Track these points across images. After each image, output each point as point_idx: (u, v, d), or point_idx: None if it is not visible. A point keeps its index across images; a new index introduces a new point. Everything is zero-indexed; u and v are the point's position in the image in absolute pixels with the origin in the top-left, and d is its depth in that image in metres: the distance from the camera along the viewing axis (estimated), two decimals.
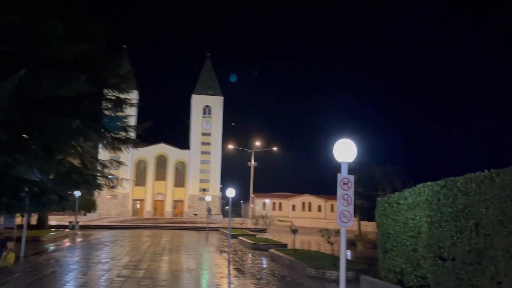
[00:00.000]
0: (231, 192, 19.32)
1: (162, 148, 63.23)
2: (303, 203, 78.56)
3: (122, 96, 32.61)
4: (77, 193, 26.61)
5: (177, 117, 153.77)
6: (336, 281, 12.24)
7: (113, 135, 33.01)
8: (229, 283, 11.86)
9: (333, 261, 13.75)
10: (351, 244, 27.29)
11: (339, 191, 6.37)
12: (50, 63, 18.61)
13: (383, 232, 8.41)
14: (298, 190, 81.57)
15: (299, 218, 64.79)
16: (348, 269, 12.79)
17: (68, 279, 11.88)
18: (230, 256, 18.49)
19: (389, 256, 8.13)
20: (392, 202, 8.06)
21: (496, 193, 5.26)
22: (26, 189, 14.20)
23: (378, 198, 8.92)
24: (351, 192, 6.37)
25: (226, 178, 65.08)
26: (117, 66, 32.51)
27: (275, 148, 58.90)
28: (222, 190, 65.83)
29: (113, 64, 30.64)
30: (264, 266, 15.69)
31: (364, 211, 34.25)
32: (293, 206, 78.36)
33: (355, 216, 36.24)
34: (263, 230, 38.19)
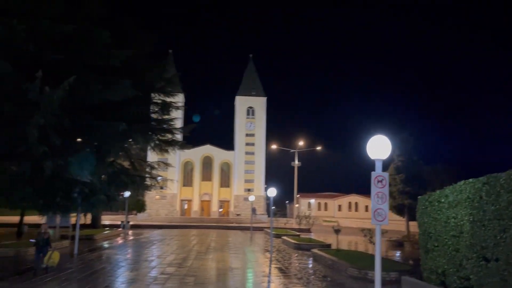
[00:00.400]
0: (272, 192, 19.40)
1: (207, 150, 64.43)
2: (350, 203, 77.17)
3: (168, 99, 33.61)
4: (127, 194, 27.68)
5: (221, 118, 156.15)
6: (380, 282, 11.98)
7: (160, 138, 34.11)
8: (269, 281, 11.90)
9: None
10: (398, 244, 26.53)
11: (373, 189, 6.24)
12: (98, 70, 19.54)
13: (424, 231, 8.12)
14: (345, 190, 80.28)
15: (345, 218, 63.72)
16: (392, 270, 12.52)
17: (115, 275, 12.42)
18: (273, 255, 18.54)
19: (430, 257, 7.84)
20: (433, 200, 7.77)
21: None
22: (77, 190, 14.96)
23: (419, 197, 8.62)
24: (385, 190, 6.22)
25: (270, 178, 65.18)
26: (162, 70, 33.55)
27: (319, 148, 58.27)
28: (267, 190, 66.17)
29: (158, 69, 31.68)
30: (306, 266, 15.60)
31: (412, 211, 33.15)
32: (339, 206, 77.15)
33: (403, 216, 35.17)
34: (308, 230, 37.97)
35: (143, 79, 26.99)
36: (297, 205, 78.92)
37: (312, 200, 78.05)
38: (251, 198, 31.96)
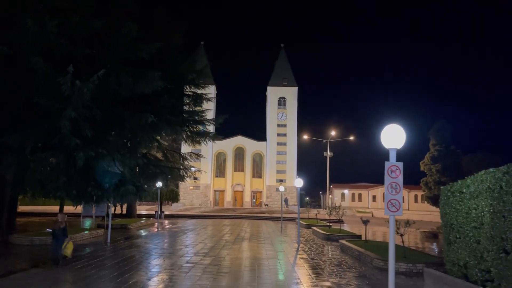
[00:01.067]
0: (298, 183, 19.33)
1: (239, 141, 64.85)
2: (384, 194, 75.84)
3: (199, 91, 33.98)
4: (159, 184, 28.35)
5: (253, 109, 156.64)
6: (405, 274, 11.79)
7: (192, 129, 34.62)
8: (293, 272, 11.92)
9: (404, 253, 13.19)
10: (433, 236, 25.85)
11: (387, 179, 6.11)
12: (129, 63, 19.98)
13: (446, 222, 7.88)
14: (379, 180, 78.76)
15: (380, 209, 62.66)
16: (420, 261, 12.28)
17: (142, 263, 12.79)
18: (301, 246, 18.54)
19: (452, 249, 7.60)
20: (455, 191, 7.51)
21: None
22: (107, 180, 15.47)
23: (442, 187, 8.35)
24: (399, 180, 6.07)
25: (303, 169, 64.98)
26: (193, 62, 33.90)
27: (352, 137, 57.39)
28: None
29: (189, 61, 32.04)
30: (332, 256, 15.51)
31: None
32: (374, 197, 75.93)
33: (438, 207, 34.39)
34: (341, 221, 37.63)
35: (173, 71, 27.42)
36: (330, 196, 78.36)
37: (346, 191, 77.20)
38: (281, 188, 31.94)
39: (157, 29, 25.42)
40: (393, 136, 6.13)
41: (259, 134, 67.15)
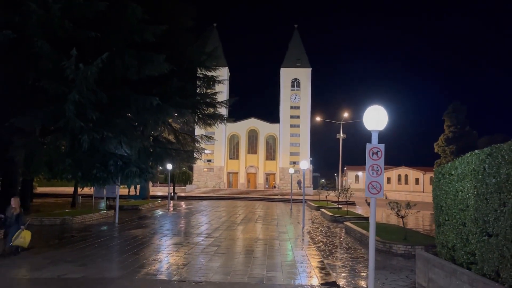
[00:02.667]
0: (304, 165, 19.30)
1: (253, 123, 64.83)
2: (399, 176, 75.08)
3: (210, 73, 33.88)
4: (169, 166, 28.68)
5: (266, 91, 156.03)
6: (403, 256, 11.76)
7: (203, 111, 34.64)
8: (292, 253, 12.01)
9: (405, 235, 13.14)
10: None
11: (368, 161, 6.05)
12: (135, 45, 19.97)
13: (437, 205, 7.78)
14: (394, 162, 78.05)
15: (393, 191, 62.24)
16: (419, 243, 12.19)
17: (145, 243, 13.05)
18: (307, 227, 18.63)
19: (441, 231, 7.53)
20: (445, 173, 7.39)
21: None
22: (112, 162, 15.71)
23: (434, 169, 8.22)
24: (381, 162, 6.01)
25: (317, 151, 64.75)
26: (203, 44, 33.67)
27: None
28: (312, 162, 65.78)
29: (199, 43, 31.85)
30: (334, 238, 15.55)
31: None
32: (388, 179, 75.33)
33: None
34: (352, 203, 37.52)
35: (182, 54, 27.33)
36: (345, 178, 78.10)
37: (360, 173, 76.77)
38: (291, 170, 31.96)
39: (165, 11, 25.25)
40: (375, 117, 6.05)
41: (272, 116, 67.15)
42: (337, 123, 54.07)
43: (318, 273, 9.40)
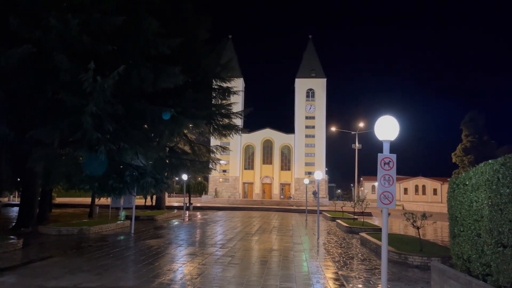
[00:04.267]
0: (318, 175, 19.23)
1: (268, 133, 64.95)
2: (416, 186, 73.98)
3: (225, 85, 34.16)
4: (184, 177, 28.90)
5: (281, 101, 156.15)
6: (419, 267, 11.58)
7: (218, 122, 34.90)
8: (306, 264, 11.95)
9: (420, 246, 12.95)
10: None
11: (380, 171, 6.04)
12: (151, 58, 20.36)
13: (452, 215, 7.69)
14: (411, 172, 77.02)
15: (411, 202, 61.31)
16: (436, 255, 11.99)
17: (160, 253, 13.15)
18: (322, 238, 18.50)
19: (457, 242, 7.42)
20: (460, 183, 7.31)
21: None
22: (128, 173, 15.94)
23: (448, 179, 8.14)
24: (393, 172, 5.99)
25: (332, 162, 64.45)
26: (218, 56, 34.01)
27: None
28: (328, 173, 65.38)
29: (214, 54, 32.18)
30: (349, 249, 15.40)
31: None
32: (405, 190, 74.28)
33: None
34: (369, 214, 37.13)
35: (198, 66, 27.68)
36: (361, 189, 77.31)
37: (376, 183, 75.91)
38: (306, 181, 31.83)
39: (180, 23, 25.69)
40: (386, 127, 6.05)
41: (287, 126, 67.06)
42: (352, 133, 53.75)
43: (333, 284, 9.33)
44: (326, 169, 64.88)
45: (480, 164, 6.53)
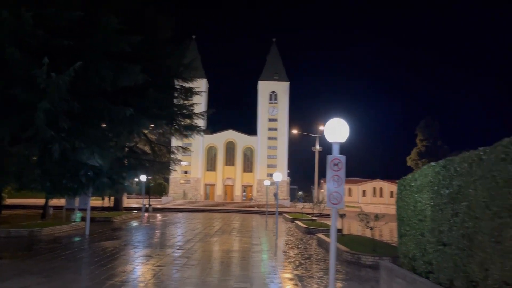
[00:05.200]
0: (278, 177, 19.44)
1: (230, 135, 64.87)
2: (374, 189, 76.14)
3: (188, 85, 33.78)
4: (142, 178, 28.38)
5: (245, 103, 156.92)
6: (372, 266, 11.94)
7: (180, 123, 34.43)
8: (263, 265, 12.05)
9: (374, 246, 13.36)
10: None
11: (329, 172, 6.20)
12: (111, 55, 19.85)
13: (399, 216, 8.01)
14: (370, 175, 79.21)
15: (369, 204, 63.01)
16: (387, 254, 12.40)
17: (114, 255, 12.87)
18: (280, 239, 18.70)
19: (403, 241, 7.74)
20: (406, 185, 7.63)
21: (483, 173, 4.80)
22: (83, 173, 15.49)
23: (397, 180, 8.48)
24: (342, 173, 6.17)
25: (294, 163, 65.23)
26: (182, 56, 33.59)
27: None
28: (290, 175, 66.08)
29: (177, 54, 31.75)
30: (306, 249, 15.66)
31: None
32: (364, 192, 76.30)
33: None
34: (327, 215, 37.82)
35: (160, 65, 27.25)
36: (321, 191, 78.60)
37: None
38: (266, 182, 32.06)
39: (142, 22, 25.23)
40: (336, 129, 6.23)
41: (250, 128, 67.22)
42: (313, 135, 54.69)
43: (287, 284, 9.47)
44: (288, 171, 65.62)
45: (424, 167, 6.85)
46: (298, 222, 26.24)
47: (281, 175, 19.86)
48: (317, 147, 52.58)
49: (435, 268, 6.23)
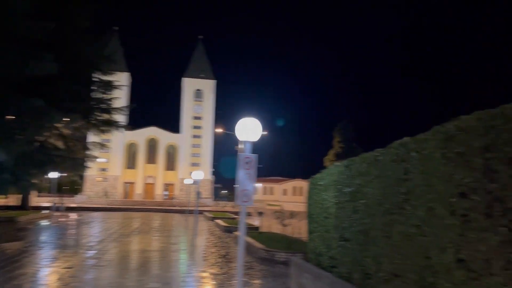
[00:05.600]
0: (199, 175, 19.32)
1: (153, 131, 63.17)
2: (295, 188, 78.66)
3: (108, 78, 32.19)
4: (53, 174, 26.57)
5: (169, 100, 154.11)
6: (285, 263, 12.26)
7: (97, 117, 32.68)
8: (178, 264, 11.87)
9: (288, 243, 13.78)
10: None
11: (241, 171, 6.27)
12: (23, 42, 18.35)
13: (309, 213, 8.37)
14: (290, 175, 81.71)
15: (289, 202, 64.95)
16: (300, 251, 12.82)
17: (14, 257, 11.89)
18: (198, 238, 18.56)
19: (312, 238, 8.10)
20: (315, 183, 7.99)
21: (379, 173, 5.18)
22: None
23: (309, 178, 8.82)
24: (253, 172, 6.28)
25: (219, 162, 65.12)
26: (102, 47, 31.95)
27: (265, 132, 58.64)
28: (214, 174, 65.98)
29: (97, 46, 30.15)
30: (222, 248, 15.72)
31: None
32: (284, 191, 78.55)
33: None
34: (248, 214, 38.35)
35: (77, 55, 25.71)
36: None
37: (258, 184, 78.89)
38: (187, 181, 31.71)
39: (58, 8, 23.67)
40: (248, 128, 6.32)
41: (174, 126, 65.92)
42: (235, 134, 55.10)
43: (200, 283, 9.42)
44: (213, 169, 65.43)
45: (330, 166, 7.20)
46: (218, 220, 26.27)
47: (202, 174, 19.76)
48: (240, 146, 53.06)
49: (338, 262, 6.58)
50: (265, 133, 58.65)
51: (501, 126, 3.17)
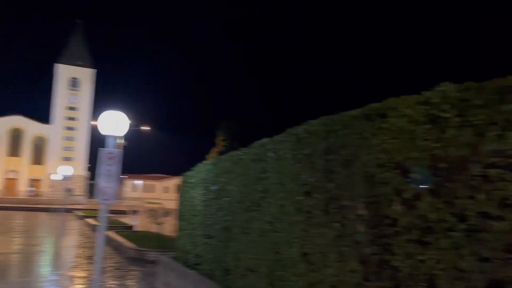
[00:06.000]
0: (67, 170, 17.87)
1: (18, 121, 56.67)
2: (176, 185, 77.80)
3: None
4: None
5: (40, 87, 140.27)
6: (154, 262, 11.98)
7: None
8: (38, 268, 10.79)
9: (163, 242, 13.51)
10: None
11: (102, 167, 5.91)
12: None
13: (179, 211, 8.29)
14: (173, 172, 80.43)
15: (171, 200, 63.96)
16: (173, 250, 12.63)
17: None
18: (65, 238, 17.19)
19: (180, 236, 8.04)
20: (186, 181, 7.96)
21: (242, 171, 5.35)
22: None
23: (182, 174, 8.73)
24: (116, 168, 5.96)
25: (96, 158, 61.19)
26: None
27: (147, 128, 56.74)
28: (91, 169, 61.78)
29: None
30: (91, 248, 14.76)
31: None
32: (166, 188, 77.07)
33: None
34: (123, 212, 36.69)
35: None
36: (125, 188, 75.88)
37: (139, 182, 76.14)
38: (56, 176, 29.15)
39: None
40: (113, 122, 5.99)
41: (44, 116, 60.00)
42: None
43: (59, 286, 8.69)
44: (89, 165, 61.11)
45: (199, 164, 7.22)
46: (89, 219, 24.63)
47: (71, 169, 18.31)
48: (120, 141, 50.56)
49: (203, 260, 6.62)
50: (148, 128, 56.77)
51: (339, 131, 3.48)
